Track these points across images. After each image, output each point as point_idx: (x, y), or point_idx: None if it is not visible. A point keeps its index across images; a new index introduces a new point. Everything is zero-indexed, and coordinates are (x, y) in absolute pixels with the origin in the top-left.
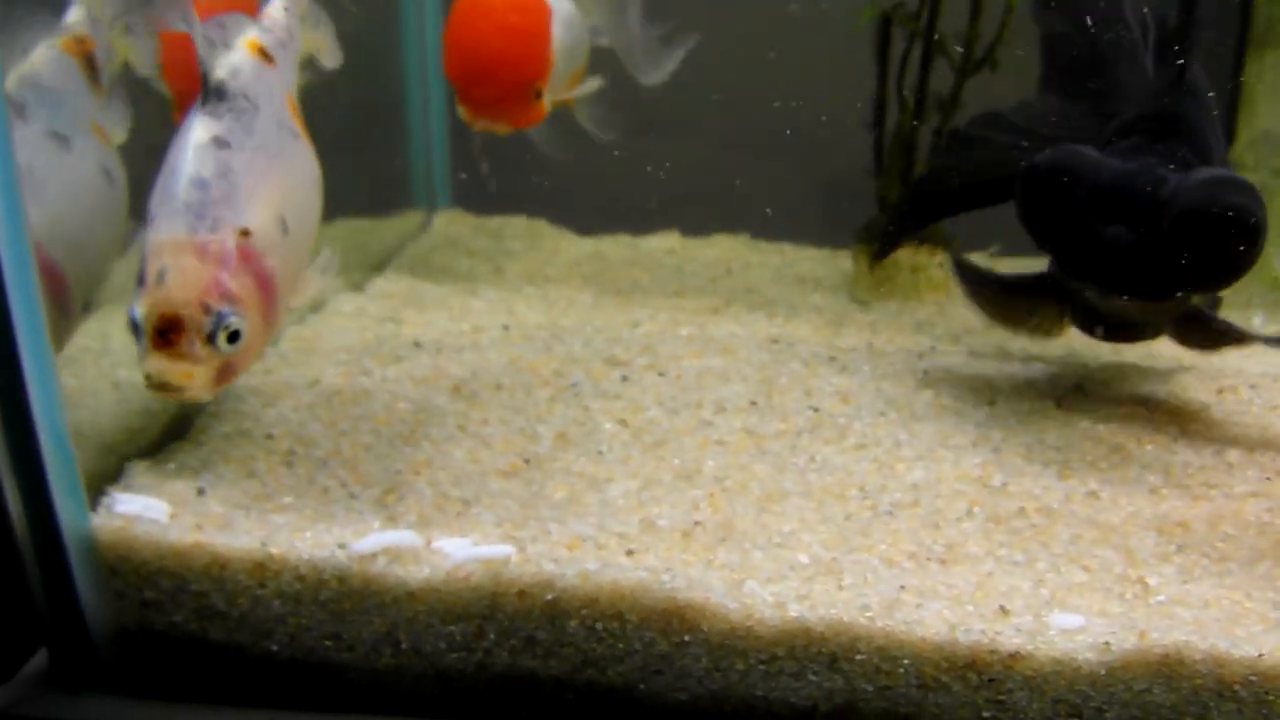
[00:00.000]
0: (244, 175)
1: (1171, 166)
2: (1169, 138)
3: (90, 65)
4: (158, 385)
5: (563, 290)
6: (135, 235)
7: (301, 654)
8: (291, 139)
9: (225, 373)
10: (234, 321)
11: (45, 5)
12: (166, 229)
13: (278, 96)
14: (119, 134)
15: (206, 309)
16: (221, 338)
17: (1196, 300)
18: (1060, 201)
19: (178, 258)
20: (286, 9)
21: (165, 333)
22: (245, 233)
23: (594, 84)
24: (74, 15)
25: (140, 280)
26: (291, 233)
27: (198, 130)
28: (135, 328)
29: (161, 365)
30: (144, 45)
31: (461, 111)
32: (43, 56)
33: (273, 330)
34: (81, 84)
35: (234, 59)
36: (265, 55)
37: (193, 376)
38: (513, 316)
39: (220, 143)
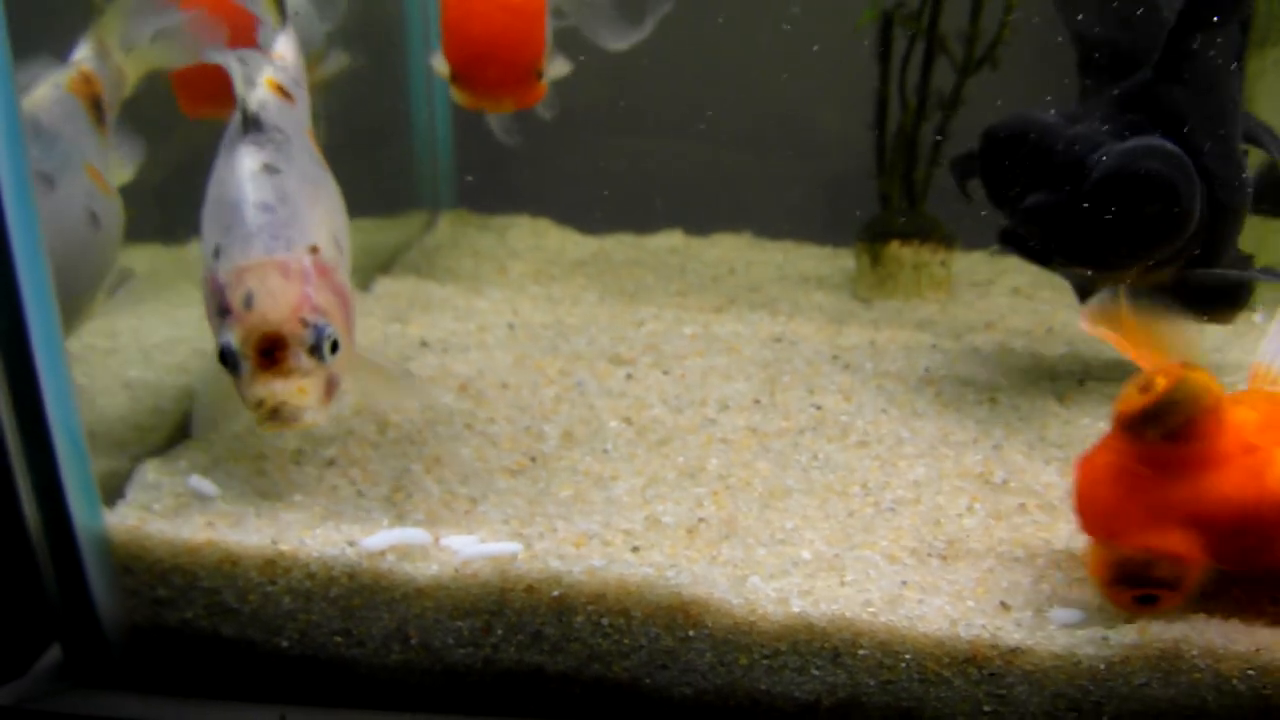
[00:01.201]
0: (298, 198)
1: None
2: (1140, 114)
3: (96, 106)
4: (272, 412)
5: (567, 289)
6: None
7: (312, 650)
8: (321, 168)
9: (331, 388)
10: (331, 331)
11: (49, 40)
12: (242, 255)
13: (301, 129)
14: (124, 173)
15: (304, 323)
16: (325, 348)
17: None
18: (1005, 162)
19: (263, 280)
20: (293, 47)
21: (270, 352)
22: (315, 249)
23: (564, 67)
24: (82, 51)
25: (223, 312)
26: (343, 252)
27: (247, 159)
28: (231, 358)
29: (273, 386)
30: (177, 48)
31: (459, 96)
32: (44, 96)
33: (352, 345)
34: (83, 124)
35: (260, 95)
36: (284, 93)
37: (306, 393)
38: (518, 316)
39: (271, 169)
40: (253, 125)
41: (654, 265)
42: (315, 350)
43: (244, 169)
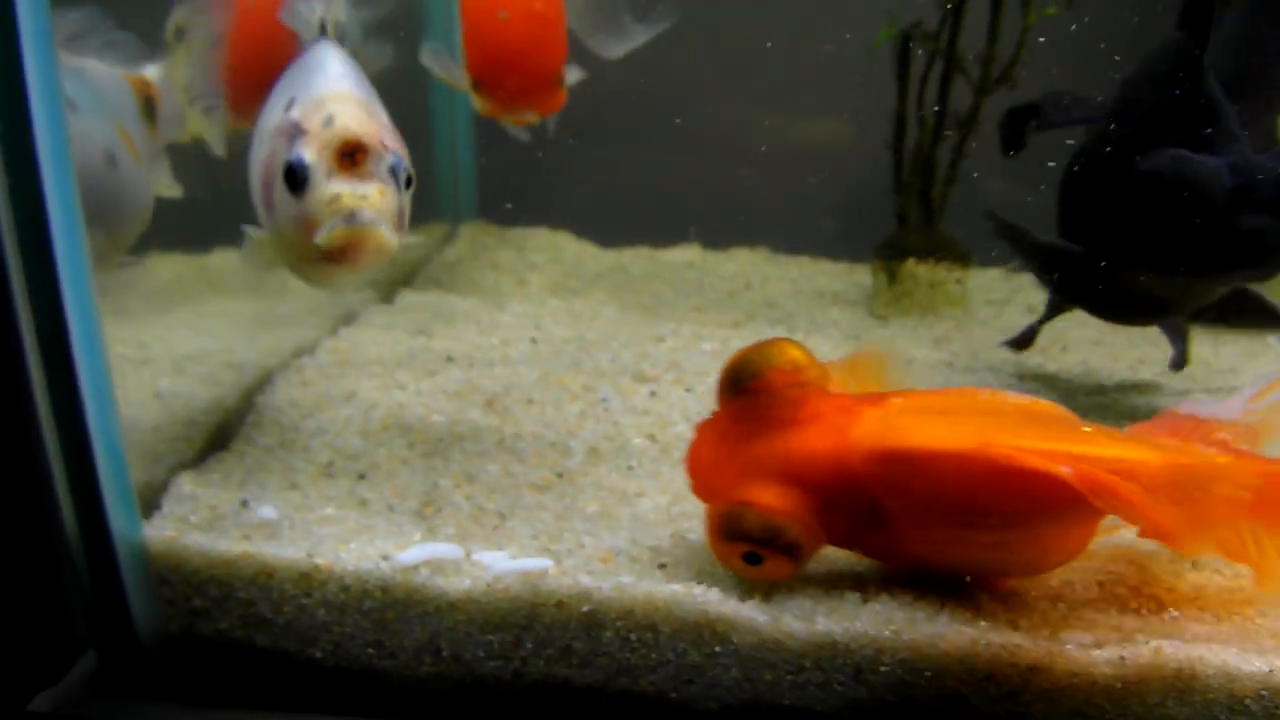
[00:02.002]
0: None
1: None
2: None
3: (148, 104)
4: (348, 214)
5: (587, 303)
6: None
7: (345, 661)
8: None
9: (399, 223)
10: (408, 166)
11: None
12: (324, 88)
13: None
14: (173, 190)
15: (384, 145)
16: (402, 176)
17: None
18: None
19: (345, 105)
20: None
21: (351, 154)
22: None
23: (576, 74)
24: (150, 70)
25: (295, 135)
26: None
27: (328, 49)
28: (300, 171)
29: (351, 185)
30: (218, 129)
31: (480, 104)
32: (99, 66)
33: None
34: (127, 100)
35: (337, 18)
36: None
37: (385, 198)
38: (540, 330)
39: (349, 61)
40: (326, 34)
41: (672, 279)
42: (393, 172)
43: (326, 51)
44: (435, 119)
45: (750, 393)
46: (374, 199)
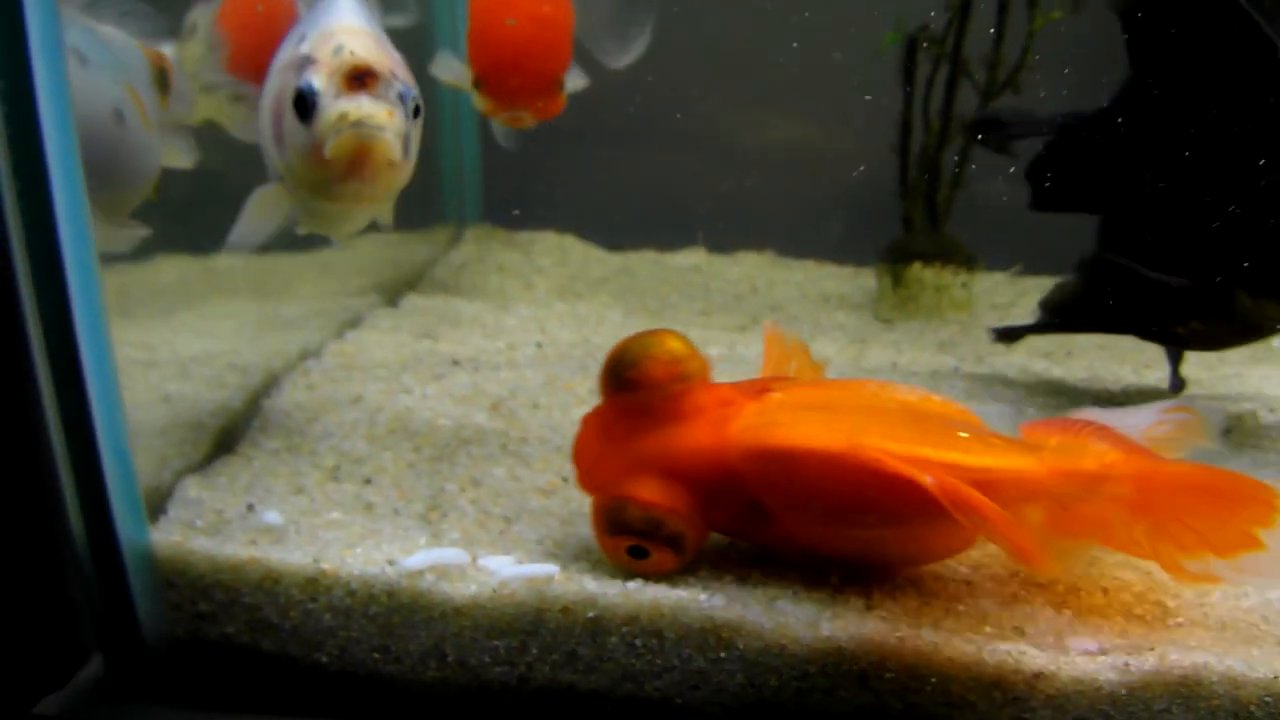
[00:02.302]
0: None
1: None
2: None
3: (161, 75)
4: (355, 124)
5: (592, 307)
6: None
7: (350, 666)
8: None
9: (407, 149)
10: (417, 96)
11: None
12: (335, 23)
13: None
14: (184, 160)
15: (394, 74)
16: (410, 105)
17: None
18: None
19: (355, 36)
20: None
21: (361, 77)
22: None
23: (580, 80)
24: (166, 48)
25: (304, 65)
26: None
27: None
28: (310, 96)
29: (360, 102)
30: (241, 116)
31: (482, 104)
32: (112, 30)
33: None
34: (139, 65)
35: None
36: None
37: (393, 118)
38: (545, 334)
39: (362, 4)
40: None
41: (677, 283)
42: (402, 99)
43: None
44: (441, 122)
45: (630, 384)
46: (381, 116)
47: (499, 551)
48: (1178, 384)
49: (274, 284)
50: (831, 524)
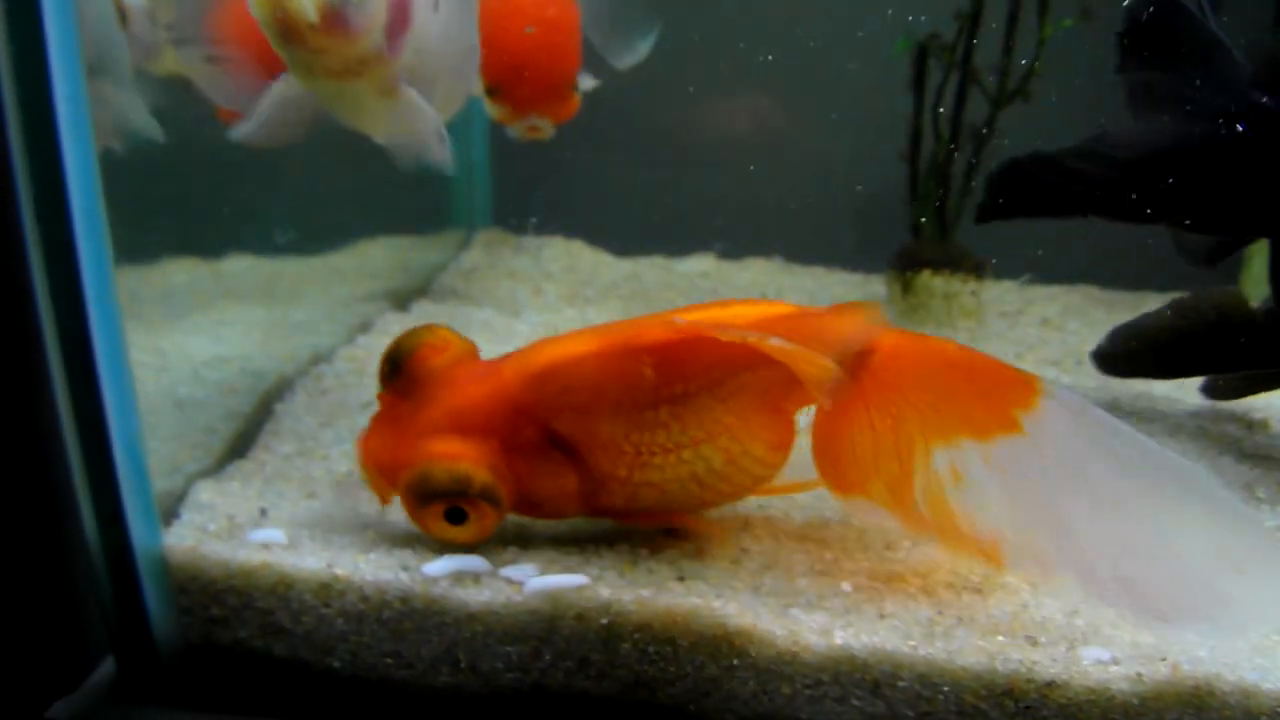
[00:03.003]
0: None
1: None
2: None
3: (120, 12)
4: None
5: (602, 313)
6: None
7: (362, 670)
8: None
9: (355, 20)
10: None
11: None
12: None
13: None
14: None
15: None
16: None
17: None
18: None
19: None
20: None
21: None
22: None
23: (589, 82)
24: None
25: None
26: (441, 25)
27: None
28: None
29: None
30: (213, 79)
31: (497, 112)
32: None
33: (392, 55)
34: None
35: None
36: None
37: None
38: None
39: None
40: None
41: (686, 289)
42: None
43: None
44: (451, 126)
45: (408, 372)
46: None
47: (512, 559)
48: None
49: (284, 289)
50: (631, 434)
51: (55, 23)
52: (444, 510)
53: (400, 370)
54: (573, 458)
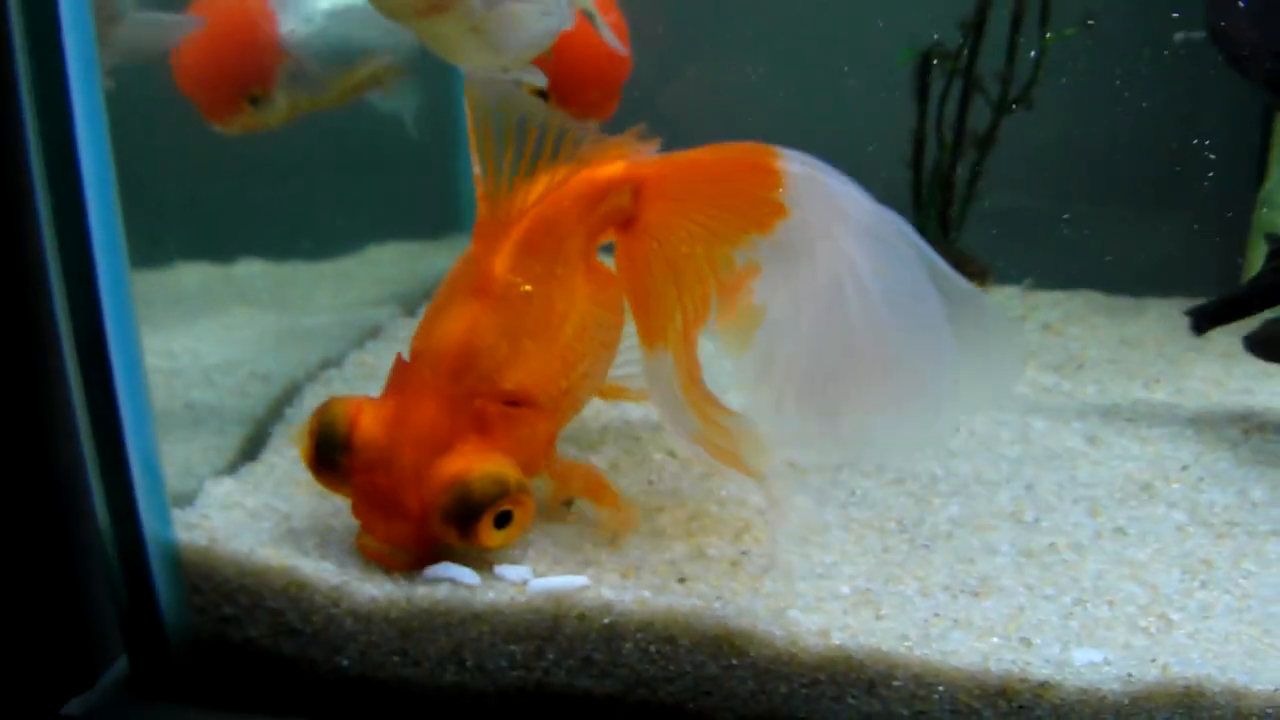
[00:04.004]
0: None
1: None
2: None
3: None
4: None
5: None
6: None
7: (370, 669)
8: None
9: None
10: None
11: None
12: None
13: None
14: None
15: None
16: None
17: None
18: None
19: None
20: None
21: None
22: None
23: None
24: None
25: None
26: None
27: None
28: None
29: None
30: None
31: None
32: None
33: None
34: None
35: None
36: None
37: None
38: None
39: None
40: None
41: None
42: None
43: None
44: (458, 132)
45: (354, 445)
46: None
47: (517, 560)
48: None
49: (295, 294)
50: (552, 347)
51: (72, 30)
52: (493, 520)
53: (348, 446)
54: (527, 404)
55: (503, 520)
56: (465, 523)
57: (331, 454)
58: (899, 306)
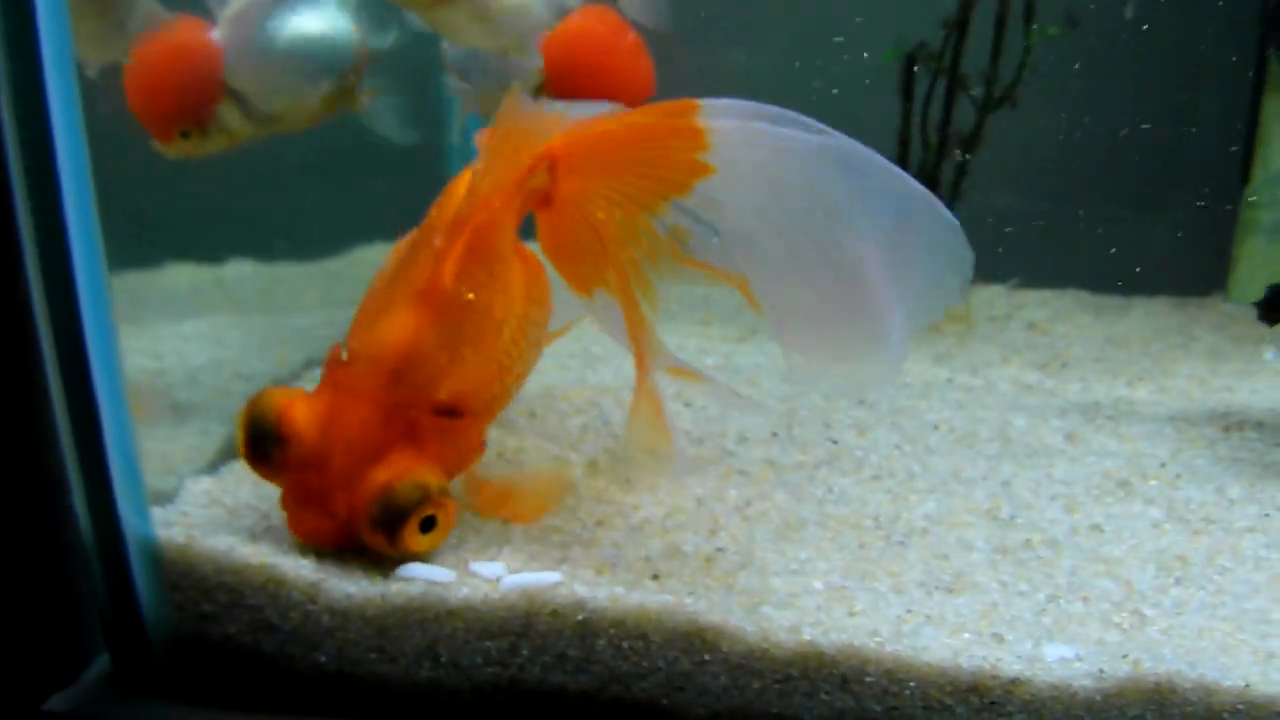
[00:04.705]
0: None
1: None
2: None
3: None
4: None
5: None
6: None
7: (348, 666)
8: None
9: None
10: None
11: None
12: None
13: None
14: None
15: None
16: None
17: None
18: None
19: None
20: None
21: None
22: None
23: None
24: None
25: None
26: None
27: None
28: None
29: None
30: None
31: None
32: None
33: None
34: None
35: None
36: None
37: None
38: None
39: None
40: None
41: (678, 293)
42: None
43: None
44: (447, 135)
45: (286, 438)
46: None
47: (493, 557)
48: None
49: (282, 294)
50: (490, 353)
51: (49, 26)
52: (419, 525)
53: (279, 439)
54: (462, 413)
55: (427, 525)
56: (392, 529)
57: (264, 445)
58: (850, 234)
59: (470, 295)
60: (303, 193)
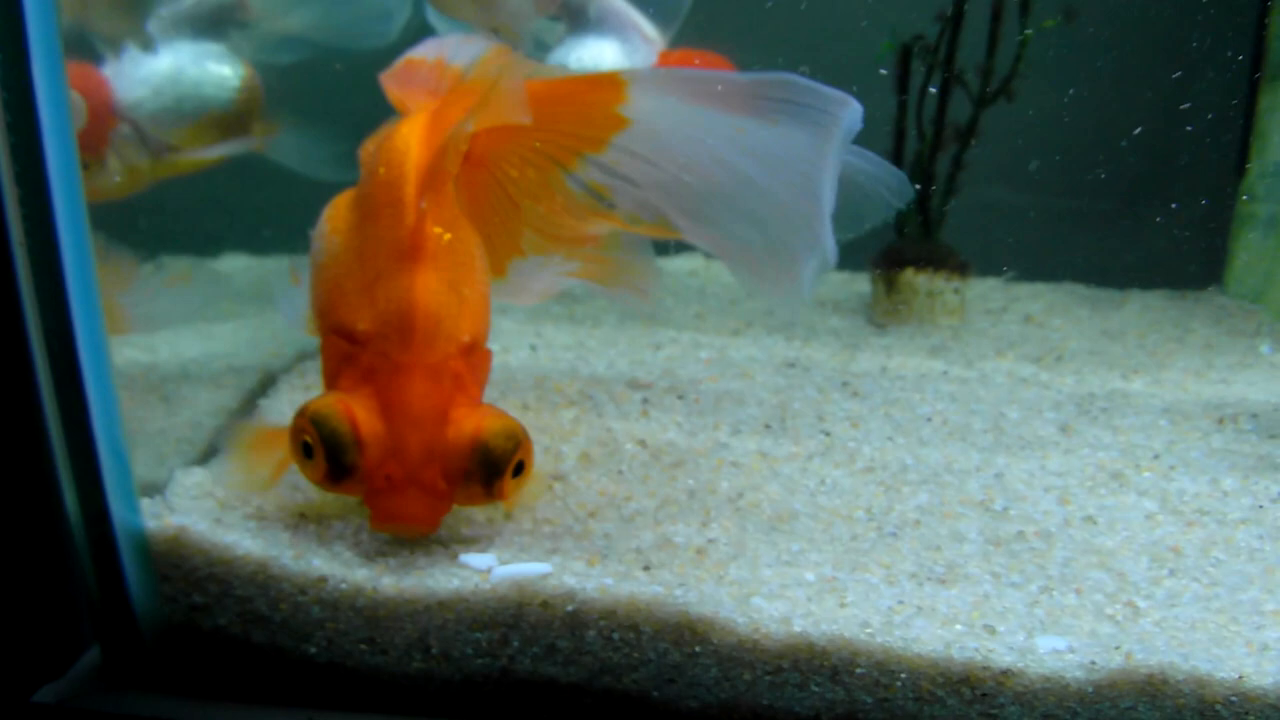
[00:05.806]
0: None
1: None
2: None
3: None
4: None
5: (588, 310)
6: None
7: (338, 657)
8: None
9: None
10: None
11: None
12: None
13: None
14: None
15: None
16: None
17: None
18: None
19: None
20: None
21: None
22: None
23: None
24: None
25: None
26: None
27: None
28: None
29: None
30: None
31: None
32: None
33: None
34: None
35: None
36: None
37: None
38: (540, 337)
39: None
40: None
41: (674, 287)
42: None
43: None
44: None
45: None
46: None
47: (486, 548)
48: None
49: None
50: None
51: (37, 24)
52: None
53: (359, 446)
54: (480, 348)
55: (518, 470)
56: (490, 481)
57: (346, 459)
58: (775, 160)
59: (448, 236)
60: (296, 187)
